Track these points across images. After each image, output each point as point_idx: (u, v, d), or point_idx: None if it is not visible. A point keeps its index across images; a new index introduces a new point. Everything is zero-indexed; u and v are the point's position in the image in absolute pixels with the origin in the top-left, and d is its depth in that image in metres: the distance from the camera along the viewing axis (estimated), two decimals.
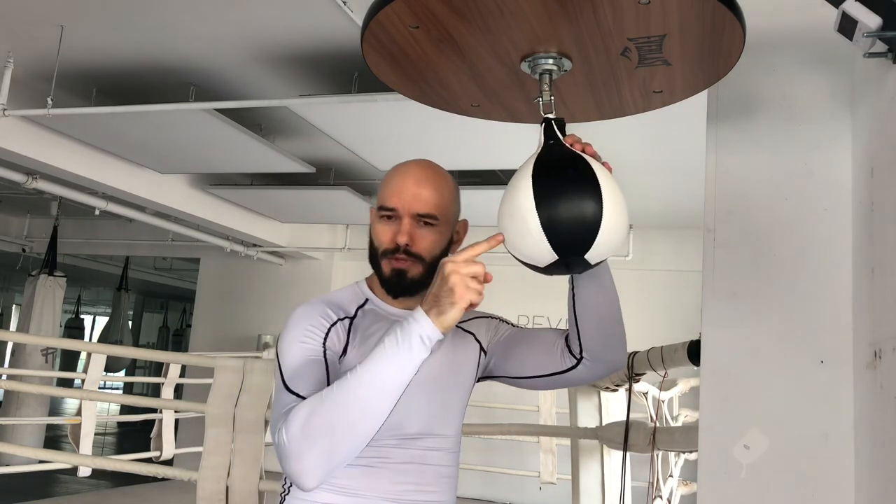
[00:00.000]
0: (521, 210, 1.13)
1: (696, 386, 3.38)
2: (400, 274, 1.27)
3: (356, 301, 1.32)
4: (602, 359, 1.32)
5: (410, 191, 1.27)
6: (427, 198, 1.27)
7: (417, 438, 1.27)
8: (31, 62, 4.04)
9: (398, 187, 1.28)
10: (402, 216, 1.26)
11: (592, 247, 1.12)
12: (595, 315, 1.29)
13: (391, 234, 1.27)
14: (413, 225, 1.26)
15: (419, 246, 1.27)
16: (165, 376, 5.64)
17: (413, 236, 1.26)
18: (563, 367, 1.34)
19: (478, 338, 1.39)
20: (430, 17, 1.11)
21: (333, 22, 3.35)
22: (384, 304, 1.32)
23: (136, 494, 6.46)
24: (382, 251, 1.28)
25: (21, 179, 5.33)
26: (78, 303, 13.98)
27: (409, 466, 1.25)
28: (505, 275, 8.24)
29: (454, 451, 1.34)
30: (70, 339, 10.06)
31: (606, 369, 1.35)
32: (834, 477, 1.39)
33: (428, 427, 1.28)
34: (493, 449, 6.67)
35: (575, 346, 1.32)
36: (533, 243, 1.13)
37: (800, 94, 1.54)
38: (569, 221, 1.11)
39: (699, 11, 1.09)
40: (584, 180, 1.12)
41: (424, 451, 1.27)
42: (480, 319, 1.42)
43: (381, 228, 1.28)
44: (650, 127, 4.30)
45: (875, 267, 1.26)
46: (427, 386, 1.28)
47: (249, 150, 4.70)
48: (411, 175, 1.30)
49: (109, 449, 9.91)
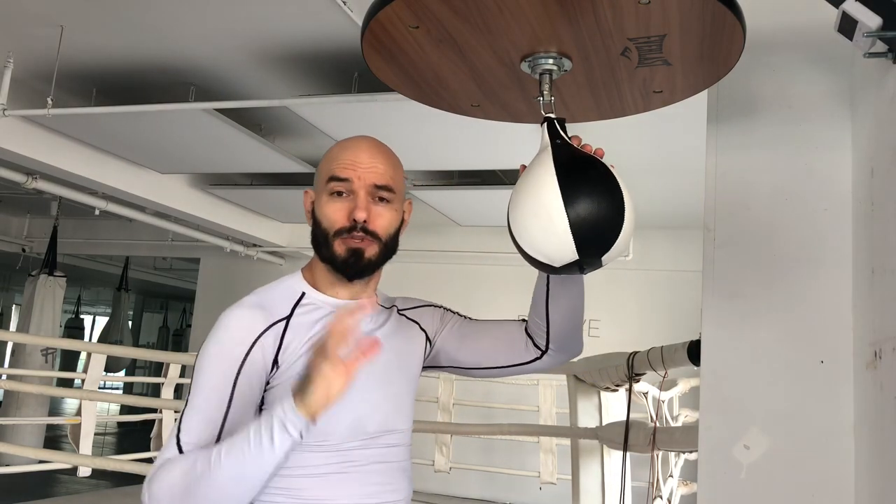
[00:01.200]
0: (546, 209, 1.11)
1: (696, 386, 3.38)
2: (357, 254, 1.19)
3: (291, 298, 1.21)
4: (566, 349, 1.35)
5: (365, 161, 1.20)
6: (383, 169, 1.21)
7: (378, 436, 1.22)
8: (31, 62, 4.04)
9: (352, 158, 1.20)
10: (356, 190, 1.19)
11: (611, 249, 1.13)
12: (568, 310, 1.31)
13: (345, 210, 1.18)
14: (369, 200, 1.19)
15: (376, 223, 1.19)
16: (165, 376, 5.65)
17: (370, 212, 1.19)
18: (527, 359, 1.35)
19: (423, 326, 1.36)
20: (430, 17, 1.11)
21: (333, 22, 3.35)
22: (324, 295, 1.23)
23: (136, 494, 6.41)
24: (336, 231, 1.19)
25: (21, 179, 5.33)
26: (78, 303, 13.98)
27: (375, 467, 1.21)
28: (505, 275, 8.21)
29: (409, 444, 1.30)
30: (70, 339, 10.07)
31: (568, 358, 1.37)
32: (834, 477, 1.39)
33: (386, 423, 1.23)
34: (493, 449, 6.67)
35: (540, 339, 1.33)
36: (558, 242, 1.11)
37: (800, 94, 1.54)
38: (597, 222, 1.11)
39: (699, 11, 1.09)
40: (608, 182, 1.13)
41: (386, 448, 1.23)
42: (424, 308, 1.39)
43: (333, 206, 1.19)
44: (650, 127, 4.30)
45: (875, 267, 1.26)
46: (380, 380, 1.23)
47: (249, 150, 4.70)
48: (365, 147, 1.23)
49: (109, 449, 9.91)
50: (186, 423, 1.11)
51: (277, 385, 1.15)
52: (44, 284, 7.47)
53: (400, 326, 1.33)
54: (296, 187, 5.81)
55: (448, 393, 6.24)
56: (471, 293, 6.87)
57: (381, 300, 1.34)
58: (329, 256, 1.20)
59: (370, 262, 1.20)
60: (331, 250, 1.20)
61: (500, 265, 6.77)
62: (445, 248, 7.17)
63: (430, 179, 5.82)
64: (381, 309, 1.32)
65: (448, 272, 7.27)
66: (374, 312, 1.29)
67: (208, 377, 1.13)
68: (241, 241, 7.52)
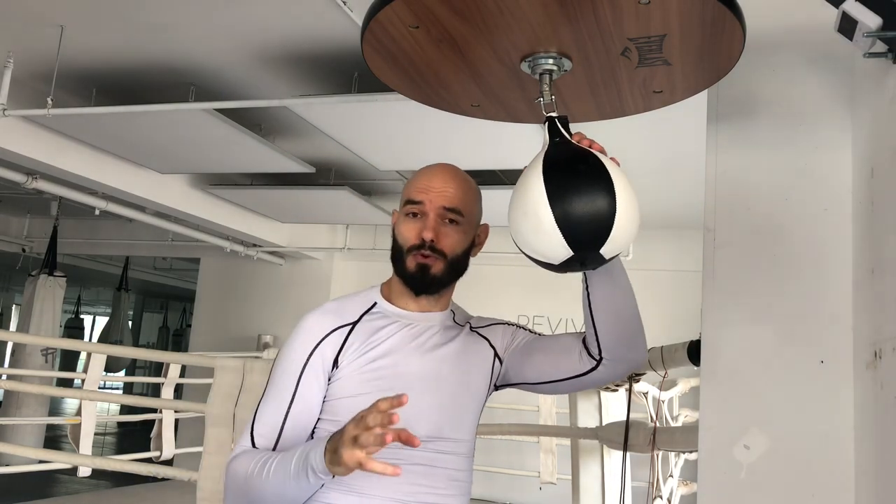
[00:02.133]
0: (533, 207, 1.12)
1: (696, 386, 3.38)
2: (424, 269, 1.29)
3: (363, 305, 1.34)
4: (622, 358, 1.31)
5: (437, 186, 1.30)
6: (453, 194, 1.31)
7: (427, 441, 1.25)
8: (31, 62, 4.04)
9: (426, 184, 1.31)
10: (427, 212, 1.29)
11: (608, 241, 1.12)
12: (612, 315, 1.29)
13: (417, 230, 1.29)
14: (438, 221, 1.29)
15: (443, 242, 1.29)
16: (165, 376, 5.65)
17: (438, 233, 1.29)
18: (583, 370, 1.33)
19: (492, 343, 1.39)
20: (430, 17, 1.11)
21: (333, 22, 3.35)
22: (393, 307, 1.34)
23: (136, 494, 6.46)
24: (408, 248, 1.30)
25: (21, 179, 5.32)
26: (78, 303, 13.97)
27: (419, 468, 1.25)
28: (505, 275, 8.22)
29: (467, 455, 1.33)
30: (70, 339, 10.07)
31: (627, 368, 1.34)
32: (834, 477, 1.39)
33: (438, 429, 1.28)
34: (493, 449, 6.66)
35: (593, 348, 1.31)
36: (547, 239, 1.13)
37: (800, 94, 1.54)
38: (583, 216, 1.11)
39: (699, 11, 1.09)
40: (596, 174, 1.13)
41: (435, 453, 1.27)
42: (497, 326, 1.42)
43: (407, 226, 1.31)
44: (650, 127, 4.30)
45: (875, 267, 1.26)
46: (433, 387, 1.28)
47: (249, 150, 4.70)
48: (438, 173, 1.33)
49: (109, 449, 9.91)
50: (260, 414, 1.27)
51: (337, 380, 1.27)
52: (44, 284, 7.47)
53: (469, 342, 1.37)
54: (296, 187, 5.81)
55: None
56: (471, 293, 6.85)
57: (457, 317, 1.40)
58: (401, 270, 1.31)
59: (435, 277, 1.30)
60: (403, 265, 1.31)
61: (500, 265, 6.76)
62: None
63: None
64: (452, 324, 1.37)
65: None
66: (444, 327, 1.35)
67: (279, 374, 1.29)
68: (241, 241, 7.52)
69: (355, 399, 1.23)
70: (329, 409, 1.26)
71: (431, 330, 1.33)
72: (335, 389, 1.26)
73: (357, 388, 1.25)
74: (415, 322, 1.32)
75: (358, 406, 1.17)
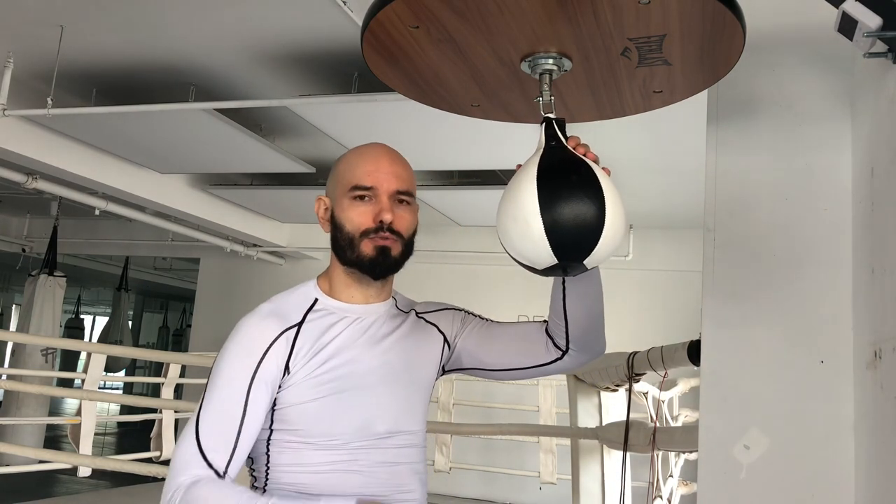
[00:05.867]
0: (524, 213, 1.12)
1: (696, 386, 3.38)
2: (384, 251, 1.25)
3: (304, 304, 1.28)
4: (587, 348, 1.35)
5: (386, 169, 1.28)
6: (402, 175, 1.29)
7: (387, 437, 1.24)
8: (31, 62, 4.04)
9: (373, 167, 1.27)
10: (380, 195, 1.26)
11: (593, 253, 1.13)
12: (584, 310, 1.32)
13: (370, 213, 1.25)
14: (393, 203, 1.27)
15: (399, 224, 1.26)
16: (165, 376, 5.64)
17: (394, 214, 1.26)
18: (548, 360, 1.36)
19: (441, 329, 1.38)
20: (430, 17, 1.11)
21: (333, 22, 3.35)
22: (336, 301, 1.29)
23: (136, 494, 6.45)
24: (362, 231, 1.25)
25: (21, 179, 5.33)
26: (78, 303, 13.98)
27: (383, 467, 1.23)
28: (505, 275, 8.22)
29: (422, 446, 1.32)
30: (70, 339, 10.05)
31: (590, 359, 1.38)
32: (834, 477, 1.39)
33: (396, 424, 1.26)
34: (493, 449, 6.67)
35: (560, 339, 1.34)
36: (533, 247, 1.13)
37: (800, 94, 1.54)
38: (572, 227, 1.11)
39: (699, 11, 1.09)
40: (588, 186, 1.12)
41: (395, 449, 1.25)
42: (445, 311, 1.41)
43: (356, 210, 1.26)
44: (650, 127, 4.30)
45: (875, 267, 1.26)
46: (388, 380, 1.26)
47: (249, 150, 4.70)
48: (384, 156, 1.30)
49: (109, 449, 9.91)
50: (205, 428, 1.16)
51: (289, 387, 1.20)
52: (44, 284, 7.47)
53: (416, 329, 1.35)
54: (296, 187, 5.81)
55: (448, 393, 6.24)
56: (471, 293, 6.87)
57: (400, 303, 1.37)
58: (355, 258, 1.26)
59: (395, 260, 1.26)
60: (357, 251, 1.25)
61: (500, 265, 6.77)
62: (445, 248, 7.17)
63: (430, 179, 5.82)
64: (397, 312, 1.35)
65: (448, 272, 7.27)
66: (389, 316, 1.32)
67: (225, 384, 1.19)
68: (241, 241, 7.52)
69: (310, 404, 1.20)
70: (282, 418, 1.21)
71: (379, 321, 1.30)
72: (288, 397, 1.20)
73: (312, 393, 1.20)
74: (362, 315, 1.28)
75: (313, 411, 1.19)
